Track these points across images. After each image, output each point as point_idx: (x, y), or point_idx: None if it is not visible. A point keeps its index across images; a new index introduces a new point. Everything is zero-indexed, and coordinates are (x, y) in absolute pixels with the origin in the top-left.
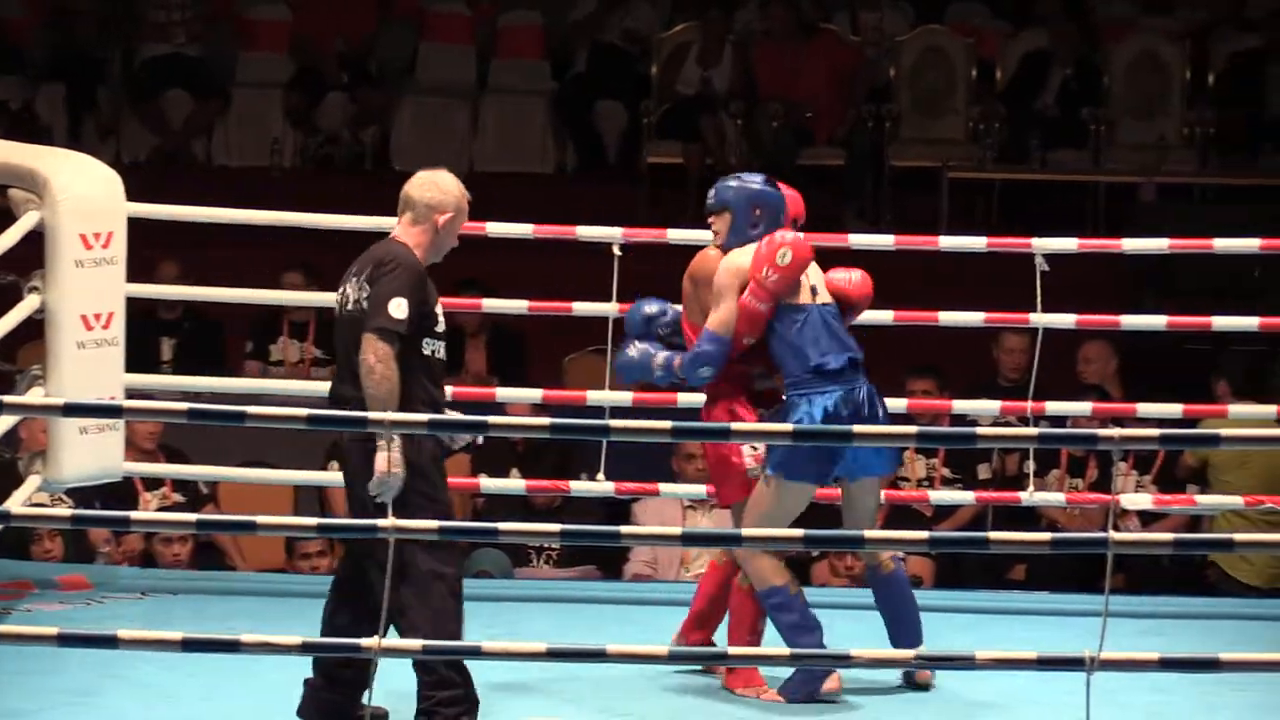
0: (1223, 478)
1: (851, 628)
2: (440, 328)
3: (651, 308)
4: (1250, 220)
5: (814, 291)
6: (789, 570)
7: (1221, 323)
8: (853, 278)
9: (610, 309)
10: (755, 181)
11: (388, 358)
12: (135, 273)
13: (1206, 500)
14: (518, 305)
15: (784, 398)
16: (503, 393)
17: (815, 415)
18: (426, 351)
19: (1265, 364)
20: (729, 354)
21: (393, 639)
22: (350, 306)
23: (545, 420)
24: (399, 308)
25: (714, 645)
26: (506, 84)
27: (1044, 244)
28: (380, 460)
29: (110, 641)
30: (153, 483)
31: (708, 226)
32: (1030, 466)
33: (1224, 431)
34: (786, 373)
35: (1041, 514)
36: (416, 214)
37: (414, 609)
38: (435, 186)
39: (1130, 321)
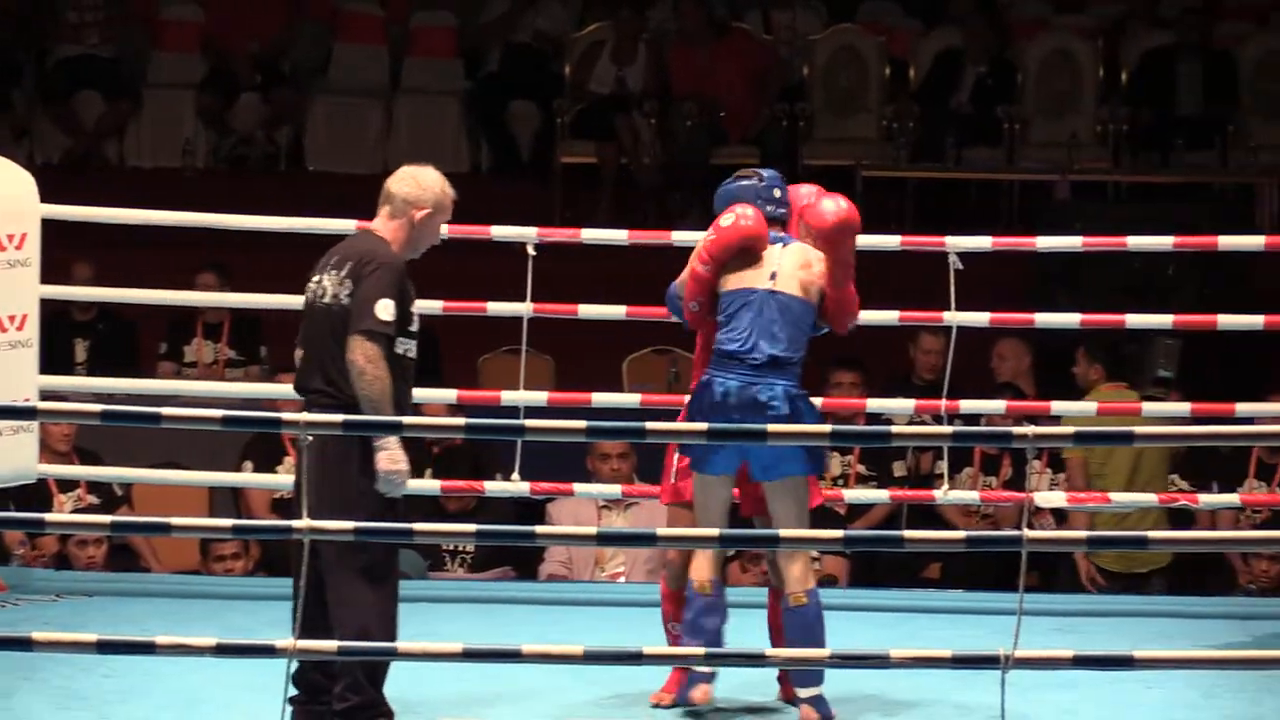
0: (1095, 469)
1: (762, 626)
2: (414, 327)
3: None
4: (1163, 218)
5: (772, 277)
6: (715, 569)
7: (1135, 320)
8: (825, 208)
9: (524, 309)
10: (731, 182)
11: (377, 358)
12: (49, 274)
13: (1121, 498)
14: (432, 305)
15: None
16: (417, 393)
17: (714, 396)
18: (399, 351)
19: (1134, 349)
20: (684, 313)
21: (307, 640)
22: (328, 299)
23: (460, 420)
24: (386, 309)
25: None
26: (420, 84)
27: (958, 242)
28: (383, 460)
29: (24, 644)
30: (67, 484)
31: (623, 226)
32: (942, 466)
33: (1138, 429)
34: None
35: (941, 514)
36: (394, 208)
37: (376, 613)
38: (414, 181)
39: (1044, 319)
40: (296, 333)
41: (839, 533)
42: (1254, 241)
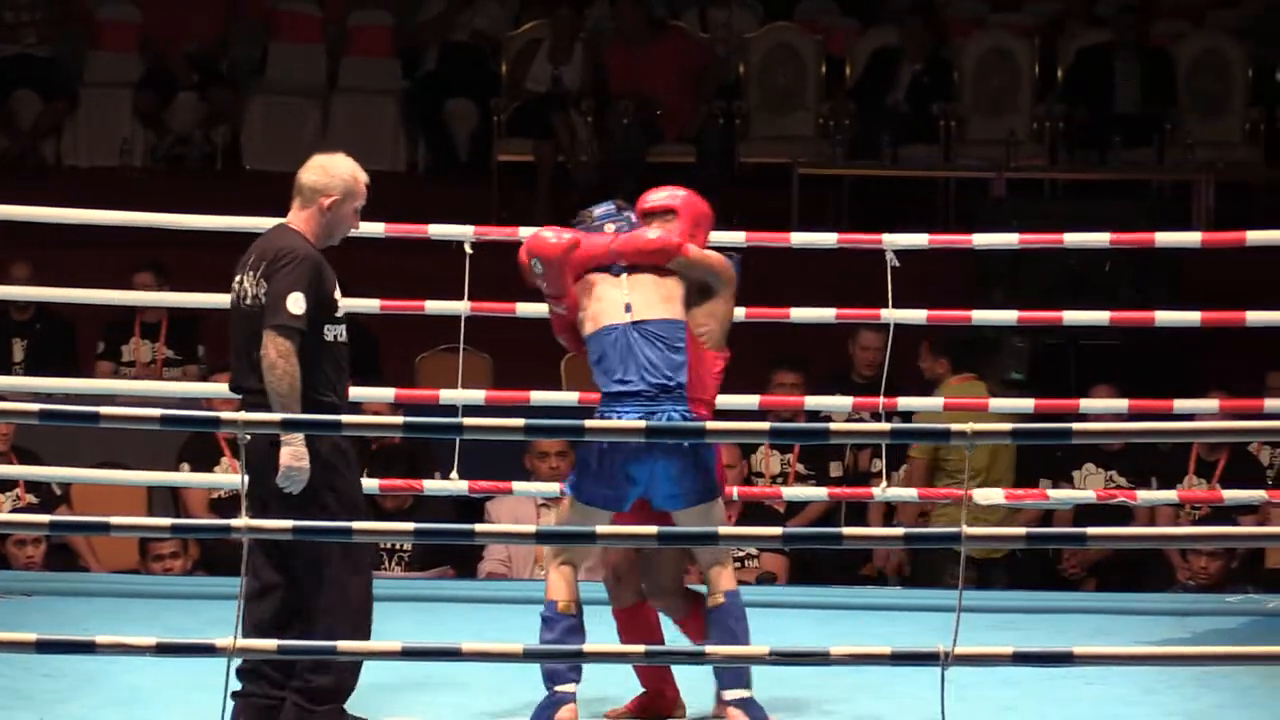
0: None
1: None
2: (340, 312)
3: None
4: (1100, 215)
5: (627, 309)
6: (574, 591)
7: (1072, 317)
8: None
9: (462, 308)
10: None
11: (289, 354)
12: None
13: (1058, 494)
14: (370, 304)
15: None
16: (356, 391)
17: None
18: (329, 338)
19: (985, 342)
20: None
21: (246, 639)
22: (249, 301)
23: (399, 419)
24: (296, 303)
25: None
26: (357, 83)
27: (894, 240)
28: (284, 454)
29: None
30: (6, 484)
31: (561, 224)
32: (878, 465)
33: (1076, 426)
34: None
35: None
36: (304, 199)
37: (336, 610)
38: (322, 170)
39: (981, 316)
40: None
41: (778, 530)
42: (1190, 238)
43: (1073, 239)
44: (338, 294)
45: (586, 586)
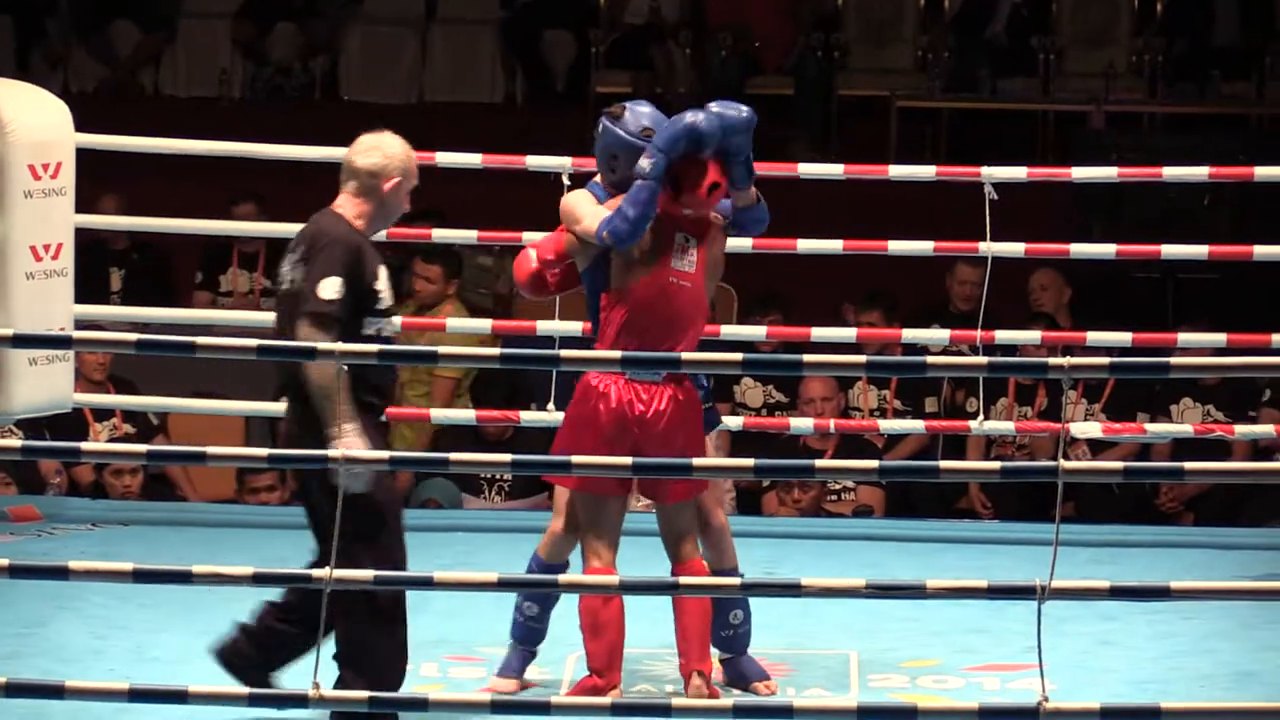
0: (409, 394)
1: (802, 558)
2: (384, 304)
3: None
4: (1199, 148)
5: None
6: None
7: (1170, 251)
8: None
9: None
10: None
11: (322, 340)
12: (84, 204)
13: (1156, 428)
14: (467, 235)
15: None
16: (453, 323)
17: None
18: (370, 331)
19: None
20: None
21: (342, 570)
22: (286, 285)
23: (495, 350)
24: (329, 288)
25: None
26: (455, 13)
27: (993, 173)
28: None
29: (61, 573)
30: (103, 414)
31: None
32: (975, 403)
33: (1173, 360)
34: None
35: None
36: (360, 183)
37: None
38: (379, 152)
39: (1079, 250)
40: None
41: (874, 463)
42: None
43: (1171, 173)
44: (382, 285)
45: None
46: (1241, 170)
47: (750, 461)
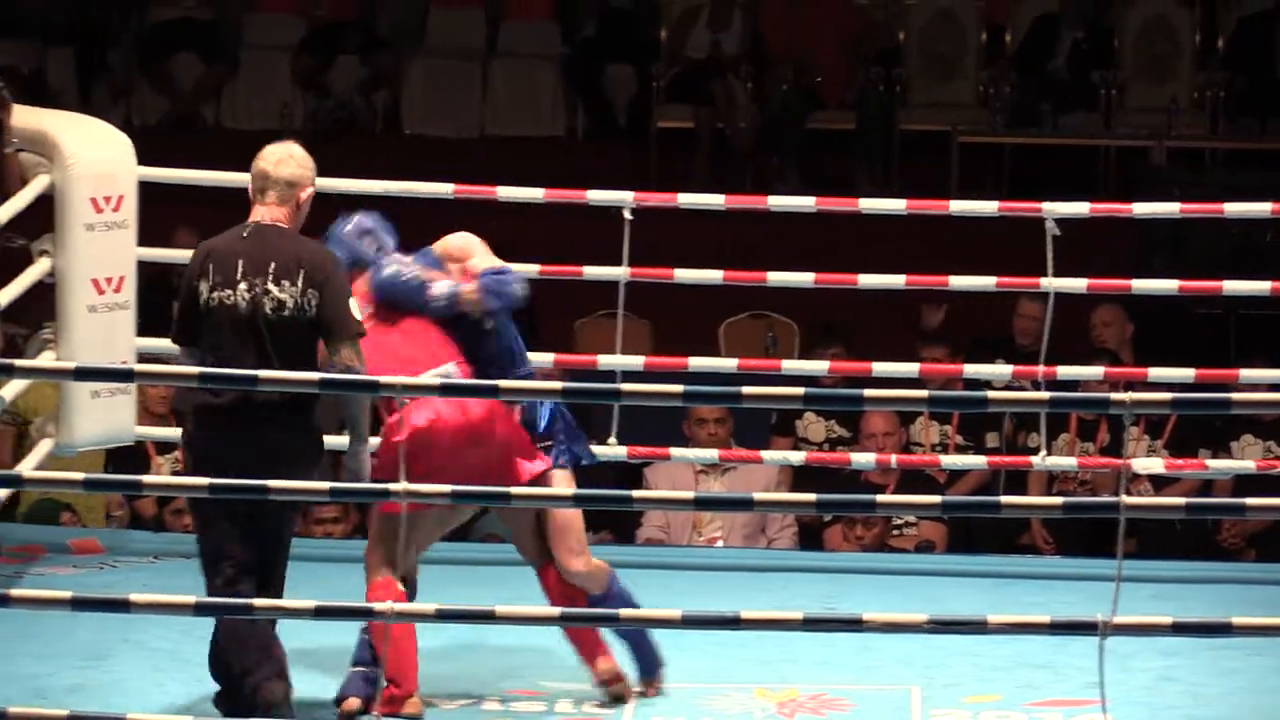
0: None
1: (863, 594)
2: None
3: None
4: (1261, 184)
5: None
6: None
7: (1232, 287)
8: None
9: (621, 273)
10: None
11: (364, 361)
12: (147, 237)
13: (1217, 464)
14: (528, 269)
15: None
16: None
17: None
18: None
19: None
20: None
21: (405, 604)
22: (288, 311)
23: (557, 384)
24: (358, 308)
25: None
26: (516, 47)
27: (1054, 208)
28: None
29: (122, 605)
30: (165, 447)
31: (719, 190)
32: (1037, 439)
33: (1235, 396)
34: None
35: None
36: (281, 194)
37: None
38: (294, 161)
39: (1141, 286)
40: None
41: (936, 498)
42: None
43: (1233, 209)
44: None
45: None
46: None
47: (812, 496)
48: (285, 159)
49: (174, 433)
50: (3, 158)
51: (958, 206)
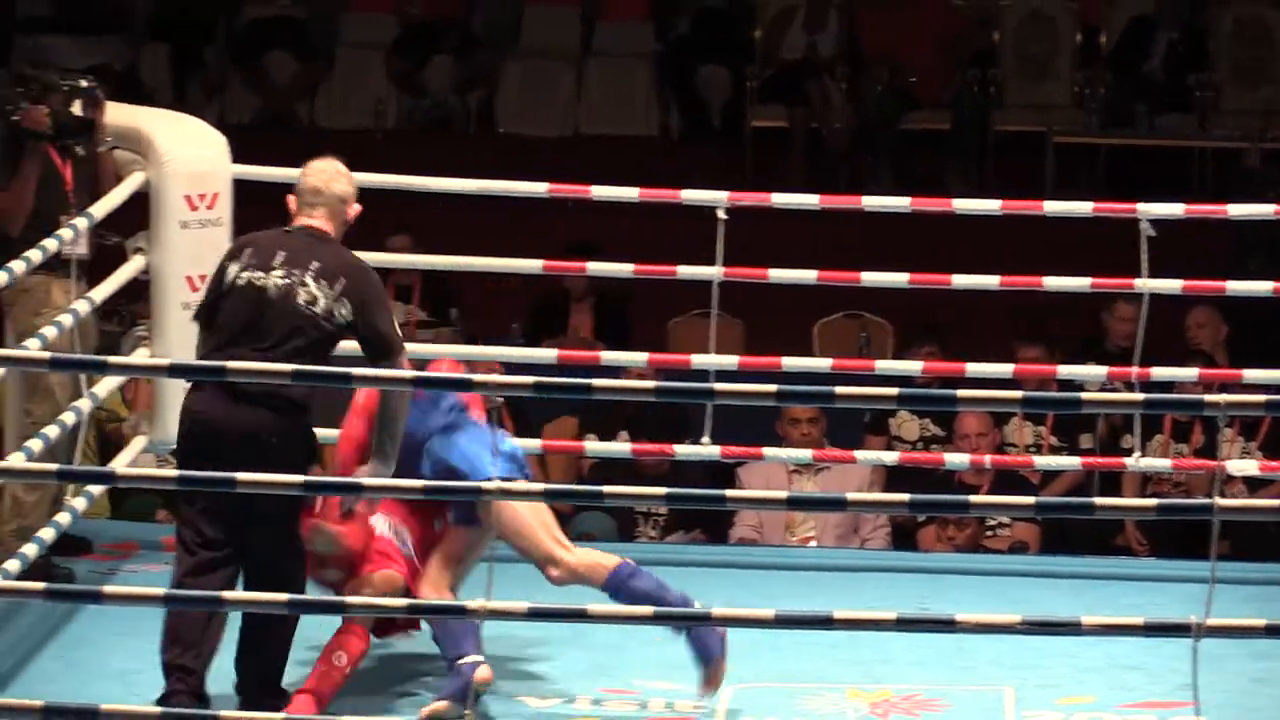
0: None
1: (956, 594)
2: None
3: None
4: None
5: None
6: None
7: None
8: None
9: (715, 273)
10: None
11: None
12: (241, 235)
13: None
14: (623, 269)
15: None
16: (608, 356)
17: None
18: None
19: None
20: None
21: (498, 601)
22: (320, 309)
23: (650, 383)
24: (395, 323)
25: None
26: (611, 47)
27: (1149, 209)
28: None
29: (215, 602)
30: None
31: (814, 190)
32: (1131, 440)
33: None
34: None
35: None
36: (332, 209)
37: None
38: (344, 178)
39: (1236, 287)
40: (488, 296)
41: (1030, 499)
42: None
43: None
44: None
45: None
46: None
47: (905, 496)
48: (336, 175)
49: None
50: (97, 156)
51: (1052, 207)
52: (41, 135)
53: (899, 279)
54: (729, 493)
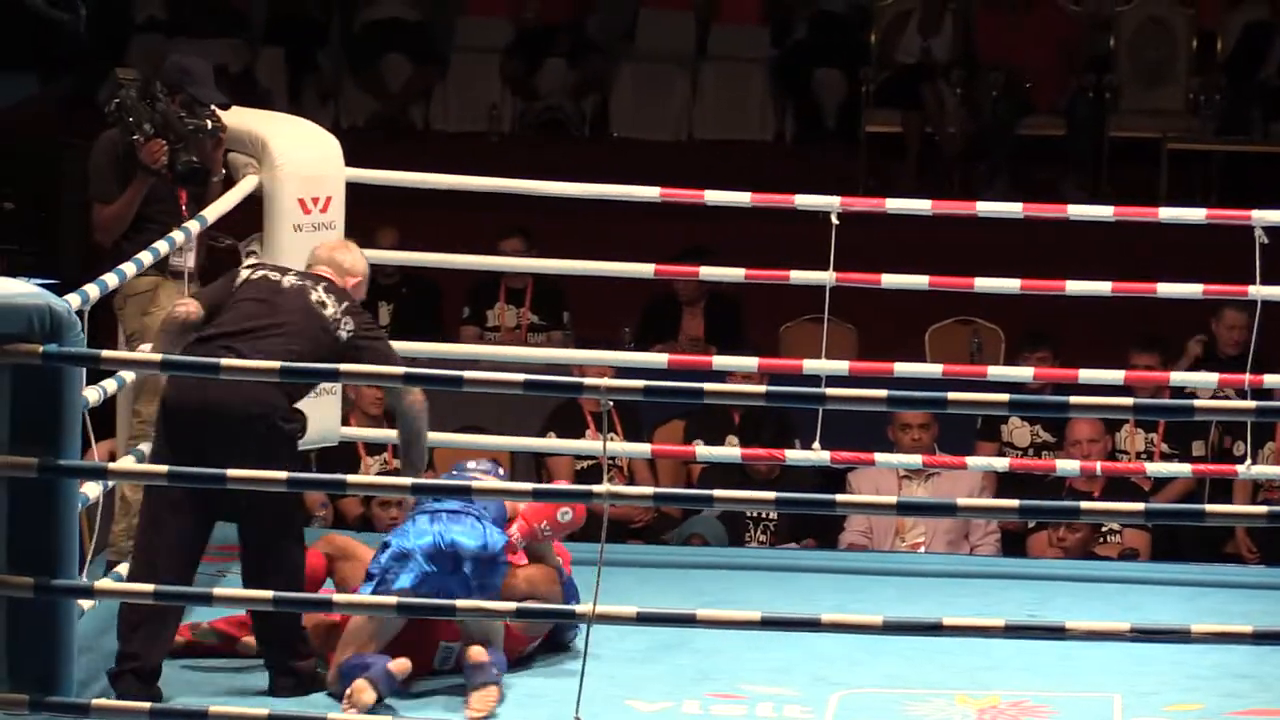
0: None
1: (1065, 600)
2: None
3: None
4: None
5: None
6: None
7: None
8: None
9: (827, 278)
10: None
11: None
12: (353, 237)
13: None
14: (735, 273)
15: None
16: (719, 360)
17: None
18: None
19: None
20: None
21: (607, 606)
22: (328, 313)
23: (760, 388)
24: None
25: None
26: (726, 51)
27: (1264, 216)
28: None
29: (325, 605)
30: (375, 447)
31: (927, 195)
32: (1243, 447)
33: None
34: None
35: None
36: (339, 272)
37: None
38: (353, 254)
39: None
40: (600, 299)
41: (1140, 505)
42: None
43: None
44: None
45: None
46: None
47: (1015, 503)
48: (342, 247)
49: (380, 433)
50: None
51: (1166, 214)
52: (154, 173)
53: (1011, 285)
54: (839, 497)
